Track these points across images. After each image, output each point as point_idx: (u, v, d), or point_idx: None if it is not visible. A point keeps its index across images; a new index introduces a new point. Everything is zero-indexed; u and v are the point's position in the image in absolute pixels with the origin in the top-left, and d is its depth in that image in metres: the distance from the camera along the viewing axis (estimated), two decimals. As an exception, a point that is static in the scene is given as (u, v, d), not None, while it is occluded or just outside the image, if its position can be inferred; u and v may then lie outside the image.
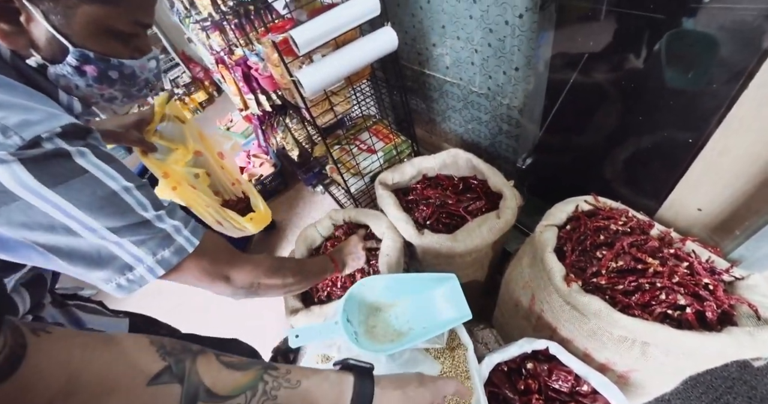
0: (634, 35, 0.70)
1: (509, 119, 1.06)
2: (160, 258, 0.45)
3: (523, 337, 0.80)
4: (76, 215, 0.39)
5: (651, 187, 0.83)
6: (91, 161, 0.41)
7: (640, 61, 0.72)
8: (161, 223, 0.46)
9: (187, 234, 0.48)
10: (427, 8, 1.07)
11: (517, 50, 0.90)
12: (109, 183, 0.42)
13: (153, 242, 0.45)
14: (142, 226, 0.44)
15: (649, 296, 0.59)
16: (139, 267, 0.44)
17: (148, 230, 0.44)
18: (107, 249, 0.42)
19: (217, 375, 0.35)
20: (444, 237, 0.88)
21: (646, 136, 0.80)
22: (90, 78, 0.48)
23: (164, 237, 0.46)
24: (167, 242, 0.46)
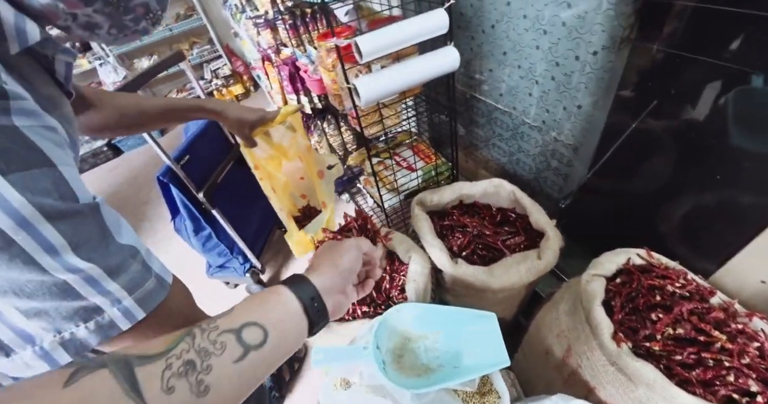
0: (711, 86, 0.67)
1: (560, 156, 1.03)
2: (68, 337, 0.30)
3: (549, 389, 0.75)
4: None
5: (709, 248, 0.78)
6: None
7: (714, 114, 0.68)
8: (88, 287, 0.30)
9: (127, 306, 0.32)
10: (490, 33, 1.05)
11: (584, 87, 0.87)
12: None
13: (61, 312, 0.29)
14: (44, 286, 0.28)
15: (713, 374, 0.54)
16: (24, 352, 0.29)
17: (54, 293, 0.28)
18: None
19: (142, 345, 0.29)
20: (480, 270, 0.84)
21: (710, 193, 0.75)
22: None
23: (85, 308, 0.30)
24: (88, 315, 0.30)
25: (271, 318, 0.33)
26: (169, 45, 3.78)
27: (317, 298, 0.38)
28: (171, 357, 0.28)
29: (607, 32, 0.75)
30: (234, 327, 0.31)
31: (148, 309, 0.34)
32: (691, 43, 0.66)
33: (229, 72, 3.83)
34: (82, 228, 0.29)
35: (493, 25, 1.02)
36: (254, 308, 0.34)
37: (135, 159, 3.26)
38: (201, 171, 1.28)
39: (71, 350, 0.30)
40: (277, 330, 0.33)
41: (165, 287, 0.37)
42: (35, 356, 0.29)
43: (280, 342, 0.33)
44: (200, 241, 1.44)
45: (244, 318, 0.32)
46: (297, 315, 0.36)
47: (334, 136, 1.67)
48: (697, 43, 0.65)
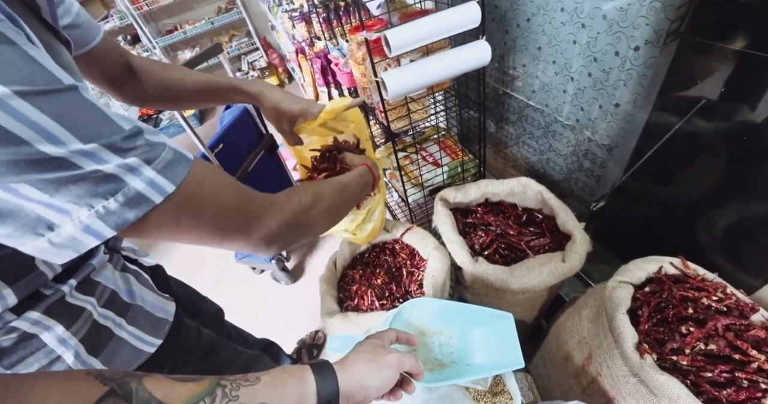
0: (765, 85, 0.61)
1: (593, 157, 0.98)
2: (104, 211, 0.30)
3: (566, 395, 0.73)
4: None
5: (753, 262, 0.73)
6: None
7: (766, 116, 0.63)
8: (94, 163, 0.29)
9: (150, 176, 0.32)
10: (525, 27, 1.01)
11: (623, 85, 0.82)
12: None
13: (80, 187, 0.29)
14: (46, 165, 0.27)
15: (747, 395, 0.50)
16: (67, 225, 0.30)
17: (60, 171, 0.28)
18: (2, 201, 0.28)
19: (169, 388, 0.31)
20: (500, 270, 0.83)
21: (760, 202, 0.69)
22: None
23: (101, 179, 0.29)
24: (110, 187, 0.30)
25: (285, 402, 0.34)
26: (211, 37, 3.93)
27: (334, 401, 0.37)
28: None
29: (652, 26, 0.71)
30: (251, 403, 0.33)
31: (176, 179, 0.33)
32: (750, 38, 0.61)
33: (265, 64, 3.92)
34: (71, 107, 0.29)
35: (528, 18, 0.98)
36: (277, 388, 0.35)
37: (174, 146, 3.43)
38: (234, 159, 1.33)
39: (111, 223, 0.31)
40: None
41: (187, 159, 0.35)
42: (78, 229, 0.30)
43: None
44: (230, 227, 1.50)
45: (262, 398, 0.33)
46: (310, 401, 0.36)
47: (363, 130, 1.68)
48: (757, 38, 0.60)
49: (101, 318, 0.49)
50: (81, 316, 0.47)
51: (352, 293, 0.93)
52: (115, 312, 0.51)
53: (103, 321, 0.49)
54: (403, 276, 0.91)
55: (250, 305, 1.67)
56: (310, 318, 1.51)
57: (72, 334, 0.45)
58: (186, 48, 3.83)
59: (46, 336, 0.44)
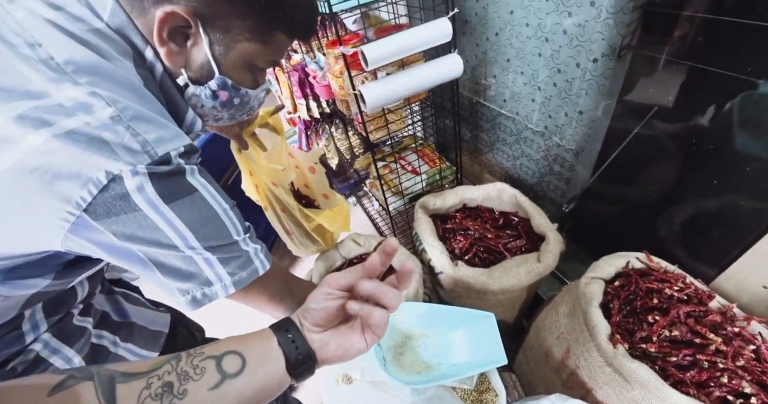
0: (712, 93, 0.68)
1: (562, 161, 1.04)
2: (237, 278, 0.45)
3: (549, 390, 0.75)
4: (182, 232, 0.39)
5: (710, 254, 0.79)
6: (199, 180, 0.42)
7: (714, 120, 0.69)
8: (246, 246, 0.46)
9: (262, 258, 0.48)
10: (494, 40, 1.07)
11: (585, 94, 0.88)
12: (212, 202, 0.42)
13: (236, 263, 0.45)
14: (231, 247, 0.44)
15: (708, 375, 0.55)
16: (217, 285, 0.44)
17: (234, 251, 0.45)
18: (196, 265, 0.42)
19: (133, 363, 0.33)
20: (479, 272, 0.86)
21: (711, 198, 0.76)
22: (219, 102, 0.52)
23: (245, 258, 0.46)
24: (246, 264, 0.46)
25: (251, 351, 0.36)
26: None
27: (293, 331, 0.38)
28: (153, 377, 0.31)
29: (607, 40, 0.77)
30: (216, 354, 0.35)
31: (270, 261, 0.50)
32: (690, 52, 0.67)
33: (240, 77, 3.90)
34: (238, 215, 0.47)
35: (497, 32, 1.04)
36: (240, 339, 0.38)
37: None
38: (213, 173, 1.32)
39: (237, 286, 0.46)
40: (254, 361, 0.35)
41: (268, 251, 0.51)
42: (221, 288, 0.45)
43: (256, 375, 0.35)
44: (210, 242, 1.48)
45: (227, 347, 0.36)
46: (274, 349, 0.37)
47: (342, 140, 1.70)
48: (696, 52, 0.66)
49: (95, 338, 0.52)
50: (84, 335, 0.51)
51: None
52: (109, 330, 0.54)
53: (97, 341, 0.52)
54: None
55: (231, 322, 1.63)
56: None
57: (76, 352, 0.49)
58: (158, 62, 3.77)
59: (54, 357, 0.47)
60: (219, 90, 0.50)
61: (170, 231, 0.39)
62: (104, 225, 0.35)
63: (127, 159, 0.34)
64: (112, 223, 0.35)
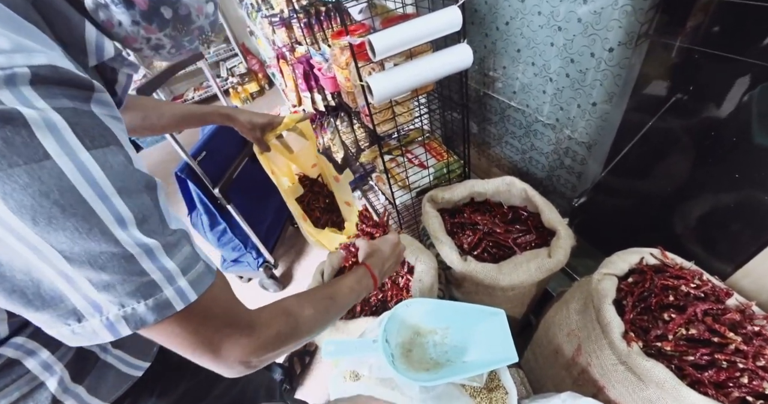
0: (733, 83, 0.65)
1: (573, 154, 1.01)
2: (130, 312, 0.31)
3: (559, 388, 0.74)
4: (6, 219, 0.26)
5: (726, 250, 0.76)
6: (62, 139, 0.27)
7: (735, 112, 0.67)
8: (149, 262, 0.31)
9: (182, 286, 0.33)
10: (504, 30, 1.04)
11: (599, 84, 0.85)
12: (76, 180, 0.27)
13: (124, 288, 0.30)
14: (114, 259, 0.29)
15: (726, 376, 0.53)
16: (93, 320, 0.30)
17: (122, 267, 0.30)
18: (51, 283, 0.29)
19: None
20: (489, 267, 0.84)
21: (729, 193, 0.73)
22: (138, 12, 0.38)
23: (145, 284, 0.31)
24: (147, 292, 0.31)
25: None
26: (187, 44, 3.86)
27: None
28: None
29: (624, 28, 0.74)
30: None
31: (199, 291, 0.35)
32: (713, 39, 0.64)
33: (244, 70, 3.89)
34: (145, 205, 0.32)
35: (507, 22, 1.01)
36: None
37: (154, 155, 3.35)
38: (217, 167, 1.31)
39: (131, 324, 0.32)
40: None
41: (212, 272, 0.38)
42: (102, 325, 0.31)
43: None
44: (215, 236, 1.48)
45: None
46: None
47: (347, 134, 1.68)
48: (720, 39, 0.63)
49: None
50: None
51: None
52: None
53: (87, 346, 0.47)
54: (391, 283, 0.91)
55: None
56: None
57: (57, 359, 0.43)
58: (162, 55, 3.75)
59: (30, 361, 0.41)
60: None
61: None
62: None
63: None
64: None
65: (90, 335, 0.31)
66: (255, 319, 0.41)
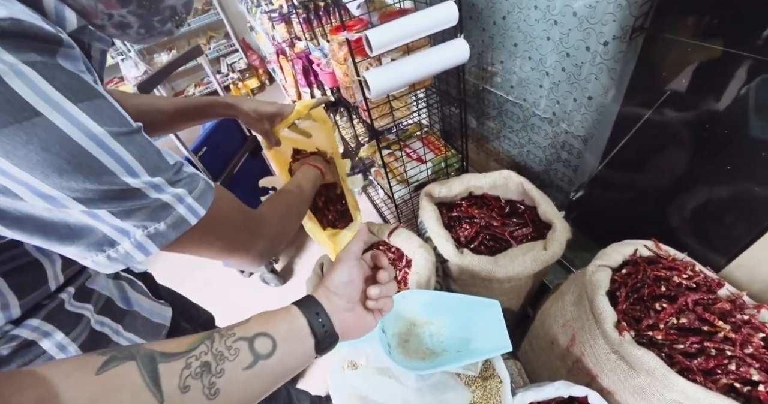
0: (728, 76, 0.65)
1: (570, 148, 1.02)
2: (153, 231, 0.35)
3: (554, 378, 0.76)
4: (17, 176, 0.27)
5: (720, 241, 0.77)
6: (45, 93, 0.27)
7: (730, 105, 0.67)
8: (158, 193, 0.35)
9: (190, 203, 0.37)
10: (501, 24, 1.05)
11: (594, 78, 0.86)
12: (71, 132, 0.28)
13: (143, 213, 0.34)
14: (126, 195, 0.33)
15: (715, 363, 0.54)
16: (125, 243, 0.34)
17: (135, 200, 0.33)
18: (77, 220, 0.32)
19: (166, 343, 0.32)
20: (485, 260, 0.85)
21: (723, 185, 0.74)
22: None
23: (159, 207, 0.35)
24: (164, 213, 0.35)
25: (280, 331, 0.36)
26: (188, 40, 3.86)
27: (322, 314, 0.39)
28: (191, 358, 0.31)
29: (618, 22, 0.75)
30: (248, 336, 0.34)
31: (206, 205, 0.39)
32: (708, 32, 0.65)
33: (245, 66, 3.88)
34: (143, 146, 0.35)
35: (504, 16, 1.01)
36: (268, 320, 0.37)
37: (155, 152, 3.36)
38: (218, 162, 1.33)
39: (157, 241, 0.36)
40: (285, 343, 0.36)
41: (212, 187, 0.41)
42: (132, 246, 0.35)
43: (287, 355, 0.36)
44: (217, 231, 1.50)
45: (258, 329, 0.35)
46: (303, 330, 0.38)
47: (347, 129, 1.69)
48: (714, 32, 0.64)
49: (98, 325, 0.49)
50: (80, 323, 0.46)
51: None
52: (112, 318, 0.51)
53: (99, 328, 0.49)
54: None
55: (240, 309, 1.66)
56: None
57: (72, 341, 0.45)
58: (162, 51, 3.76)
59: (46, 342, 0.43)
60: None
61: None
62: None
63: None
64: None
65: (124, 258, 0.35)
66: (261, 214, 0.49)
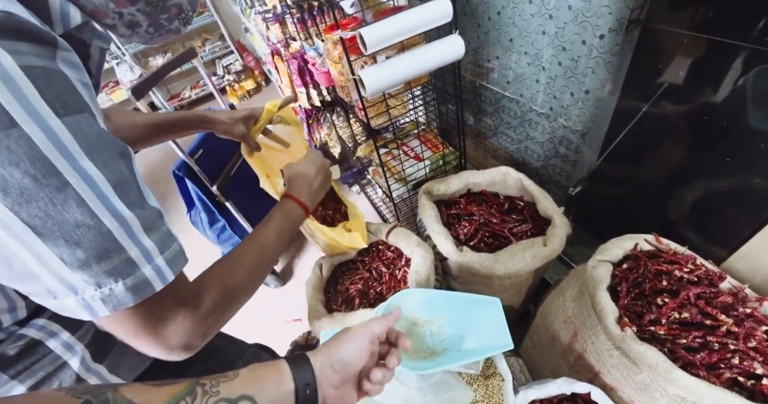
0: (725, 67, 0.65)
1: (568, 142, 1.02)
2: (107, 292, 0.30)
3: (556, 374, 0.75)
4: None
5: (721, 234, 0.77)
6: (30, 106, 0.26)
7: (728, 96, 0.66)
8: (126, 238, 0.31)
9: (161, 265, 0.33)
10: (495, 19, 1.04)
11: (591, 72, 0.85)
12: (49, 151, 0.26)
13: (103, 265, 0.30)
14: (90, 233, 0.29)
15: (718, 357, 0.54)
16: (68, 299, 0.30)
17: (99, 242, 0.29)
18: (22, 262, 0.28)
19: (147, 392, 0.30)
20: (484, 257, 0.85)
21: (723, 178, 0.74)
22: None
23: (124, 262, 0.31)
24: (126, 270, 0.31)
25: (265, 397, 0.34)
26: (182, 42, 3.85)
27: (311, 386, 0.37)
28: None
29: (614, 14, 0.74)
30: (232, 397, 0.32)
31: (176, 271, 0.35)
32: (705, 23, 0.64)
33: (240, 67, 3.87)
34: (122, 174, 0.31)
35: (499, 11, 1.01)
36: (255, 381, 0.35)
37: (152, 154, 3.35)
38: (214, 165, 1.32)
39: (110, 305, 0.31)
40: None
41: (184, 253, 0.38)
42: (78, 304, 0.30)
43: None
44: (215, 233, 1.49)
45: (243, 390, 0.33)
46: (288, 398, 0.36)
47: (344, 128, 1.68)
48: (711, 23, 0.63)
49: None
50: (85, 322, 0.46)
51: (339, 295, 0.93)
52: None
53: None
54: (389, 276, 0.92)
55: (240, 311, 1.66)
56: (302, 320, 1.50)
57: (78, 339, 0.45)
58: (157, 54, 3.75)
59: (52, 342, 0.43)
60: None
61: None
62: None
63: None
64: None
65: (70, 312, 0.31)
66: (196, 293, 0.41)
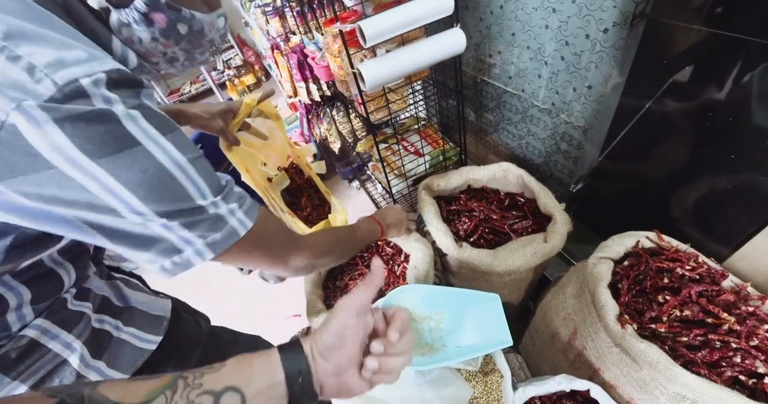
0: (731, 63, 0.64)
1: (570, 139, 1.00)
2: (211, 241, 0.40)
3: (555, 371, 0.75)
4: (121, 194, 0.33)
5: (724, 232, 0.76)
6: (144, 129, 0.34)
7: (733, 93, 0.65)
8: (216, 209, 0.41)
9: (240, 217, 0.43)
10: (498, 13, 1.02)
11: (594, 67, 0.84)
12: (163, 159, 0.35)
13: (205, 224, 0.40)
14: (195, 211, 0.39)
15: (719, 355, 0.53)
16: (187, 251, 0.40)
17: (200, 214, 0.39)
18: (154, 232, 0.37)
19: (125, 388, 0.29)
20: (484, 253, 0.84)
21: (726, 175, 0.73)
22: (157, 29, 0.44)
23: (217, 219, 0.41)
24: (220, 224, 0.41)
25: (253, 386, 0.33)
26: (182, 36, 3.82)
27: (304, 374, 0.35)
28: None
29: (618, 8, 0.73)
30: (216, 390, 0.31)
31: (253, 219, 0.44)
32: (711, 17, 0.63)
33: (240, 62, 3.85)
34: (206, 171, 0.40)
35: (501, 5, 0.99)
36: (242, 371, 0.34)
37: (152, 150, 3.35)
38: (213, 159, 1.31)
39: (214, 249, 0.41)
40: (256, 400, 0.32)
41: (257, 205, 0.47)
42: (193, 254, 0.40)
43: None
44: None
45: (229, 381, 0.32)
46: (278, 387, 0.34)
47: (343, 123, 1.67)
48: (718, 17, 0.62)
49: (97, 323, 0.50)
50: (82, 320, 0.48)
51: (338, 291, 0.93)
52: (110, 315, 0.52)
53: (99, 325, 0.50)
54: (387, 272, 0.91)
55: (239, 305, 1.66)
56: (301, 316, 1.50)
57: (75, 337, 0.47)
58: (157, 48, 3.71)
59: (51, 342, 0.45)
60: (151, 12, 0.41)
61: (104, 194, 0.33)
62: (9, 186, 0.30)
63: (9, 94, 0.27)
64: (19, 183, 0.30)
65: (186, 263, 0.40)
66: (309, 236, 0.57)
